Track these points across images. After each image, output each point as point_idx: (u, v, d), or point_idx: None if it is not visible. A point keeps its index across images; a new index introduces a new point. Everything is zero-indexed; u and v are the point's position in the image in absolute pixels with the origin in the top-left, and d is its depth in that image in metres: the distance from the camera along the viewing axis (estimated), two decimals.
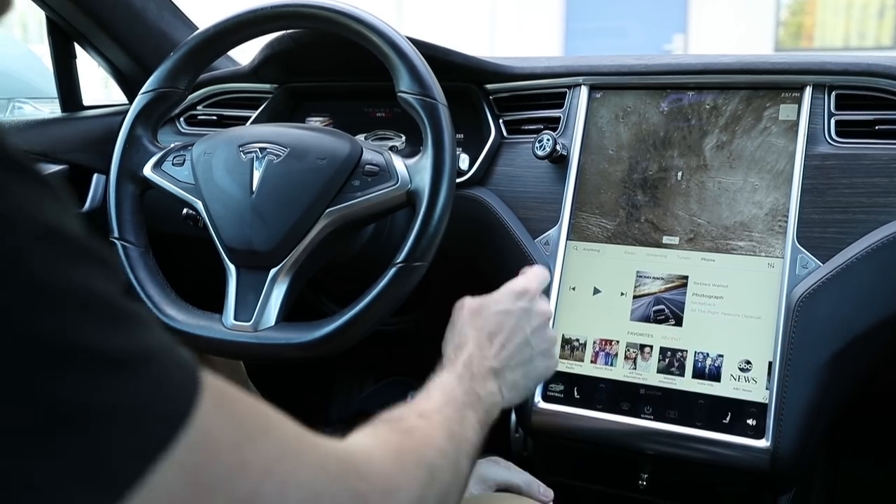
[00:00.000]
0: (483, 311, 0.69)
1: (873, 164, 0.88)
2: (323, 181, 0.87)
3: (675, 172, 0.94)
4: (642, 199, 0.95)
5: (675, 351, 0.89)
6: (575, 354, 0.93)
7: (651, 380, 0.89)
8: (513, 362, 0.67)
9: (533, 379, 0.69)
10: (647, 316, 0.91)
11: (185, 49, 0.97)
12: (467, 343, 0.66)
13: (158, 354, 0.31)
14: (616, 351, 0.91)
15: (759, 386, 0.85)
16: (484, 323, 0.68)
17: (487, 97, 1.09)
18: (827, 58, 0.93)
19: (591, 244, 0.96)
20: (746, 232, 0.89)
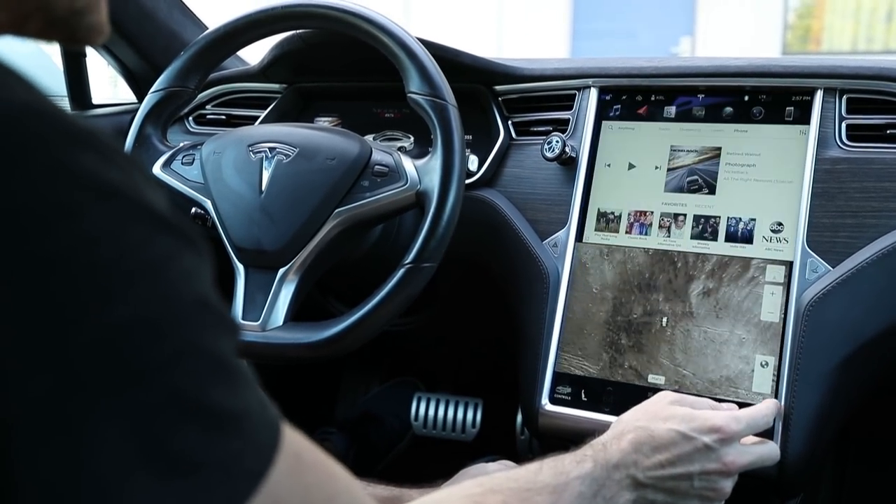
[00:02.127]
0: (667, 420, 0.64)
1: (884, 169, 0.87)
2: (332, 181, 0.87)
3: (661, 318, 0.91)
4: (626, 344, 0.92)
5: (708, 217, 0.91)
6: (610, 226, 0.95)
7: (684, 246, 0.91)
8: (663, 486, 0.61)
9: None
10: (680, 186, 0.93)
11: (194, 48, 0.98)
12: (627, 436, 0.62)
13: (254, 414, 0.33)
14: (650, 221, 0.93)
15: (790, 246, 0.87)
16: (657, 432, 0.63)
17: (497, 98, 1.08)
18: (838, 61, 0.93)
19: (601, 242, 0.96)
20: (733, 388, 0.86)
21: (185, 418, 0.30)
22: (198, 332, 0.31)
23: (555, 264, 0.96)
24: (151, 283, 0.29)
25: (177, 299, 0.30)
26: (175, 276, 0.30)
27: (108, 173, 0.29)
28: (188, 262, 0.31)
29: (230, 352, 0.33)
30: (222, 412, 0.31)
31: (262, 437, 0.33)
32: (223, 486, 0.31)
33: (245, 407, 0.32)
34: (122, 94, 1.37)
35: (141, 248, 0.29)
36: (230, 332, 0.33)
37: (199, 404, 0.30)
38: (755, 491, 0.88)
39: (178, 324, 0.30)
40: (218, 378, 0.31)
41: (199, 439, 0.30)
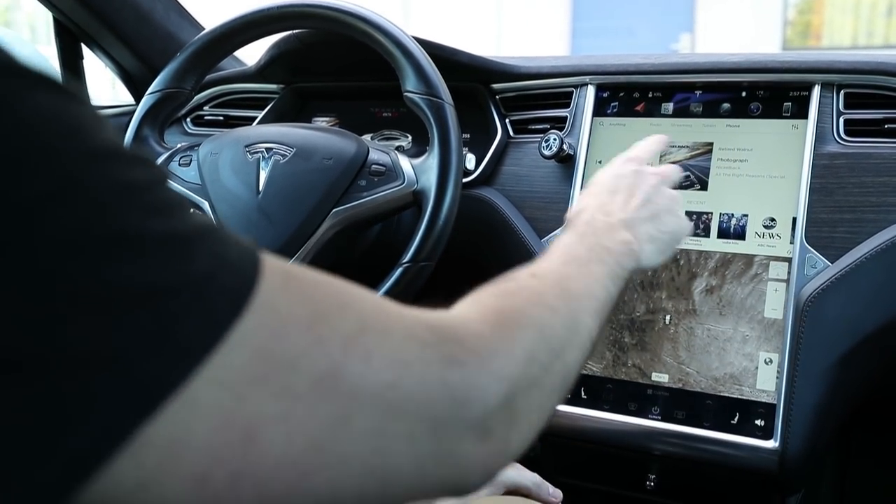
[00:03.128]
0: (597, 179, 0.67)
1: (883, 163, 0.87)
2: (329, 181, 0.87)
3: (664, 316, 0.91)
4: (629, 342, 0.92)
5: (700, 214, 0.91)
6: None
7: None
8: (641, 215, 0.63)
9: (668, 234, 0.65)
10: None
11: (191, 49, 0.98)
12: (587, 207, 0.62)
13: (212, 233, 0.30)
14: None
15: (784, 241, 0.87)
16: (600, 188, 0.65)
17: (494, 97, 1.08)
18: (836, 56, 0.93)
19: None
20: (737, 386, 0.86)
21: (106, 248, 0.27)
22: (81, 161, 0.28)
23: None
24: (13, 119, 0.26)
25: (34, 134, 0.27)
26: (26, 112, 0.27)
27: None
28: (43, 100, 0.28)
29: (151, 180, 0.30)
30: (156, 236, 0.28)
31: (232, 256, 0.31)
32: (197, 310, 0.28)
33: (192, 229, 0.30)
34: (120, 96, 1.37)
35: None
36: (141, 162, 0.30)
37: (117, 232, 0.27)
38: (756, 487, 0.88)
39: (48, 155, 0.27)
40: (134, 203, 0.28)
41: (136, 268, 0.27)
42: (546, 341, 0.44)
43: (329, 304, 0.34)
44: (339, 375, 0.32)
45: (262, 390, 0.30)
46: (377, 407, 0.33)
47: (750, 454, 0.83)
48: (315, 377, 0.31)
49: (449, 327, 0.38)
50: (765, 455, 0.83)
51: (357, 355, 0.33)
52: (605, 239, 0.58)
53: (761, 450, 0.83)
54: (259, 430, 0.30)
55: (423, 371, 0.35)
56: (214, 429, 0.29)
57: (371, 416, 0.33)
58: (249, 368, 0.30)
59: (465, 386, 0.36)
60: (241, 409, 0.29)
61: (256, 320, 0.30)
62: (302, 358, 0.31)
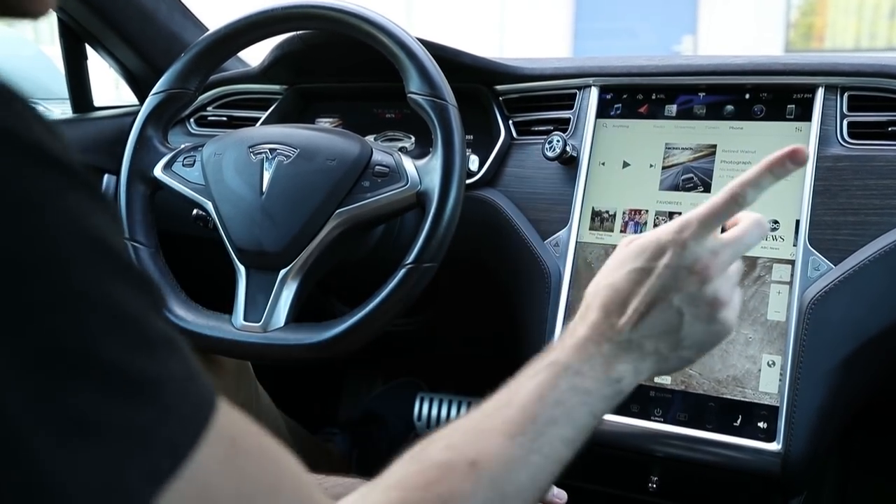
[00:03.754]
0: (623, 265, 0.55)
1: (886, 166, 0.87)
2: (333, 182, 0.87)
3: None
4: None
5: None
6: (605, 226, 0.95)
7: None
8: (654, 332, 0.53)
9: (691, 348, 0.55)
10: (675, 185, 0.93)
11: (195, 50, 0.98)
12: (593, 308, 0.54)
13: (174, 383, 0.30)
14: (645, 219, 0.93)
15: (787, 244, 0.87)
16: (618, 281, 0.54)
17: (497, 98, 1.08)
18: (839, 59, 0.93)
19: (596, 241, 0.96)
20: (740, 388, 0.85)
21: (78, 372, 0.27)
22: (92, 278, 0.28)
23: (556, 264, 0.96)
24: (29, 218, 0.26)
25: (62, 238, 0.27)
26: (61, 213, 0.27)
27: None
28: (79, 201, 0.28)
29: (142, 310, 0.30)
30: (128, 373, 0.28)
31: (185, 411, 0.30)
32: (139, 457, 0.28)
33: (162, 373, 0.30)
34: (124, 97, 1.37)
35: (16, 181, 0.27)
36: (144, 289, 0.30)
37: (93, 358, 0.27)
38: (759, 490, 0.88)
39: (63, 265, 0.27)
40: (121, 334, 0.29)
41: (96, 398, 0.27)
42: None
43: (259, 487, 0.33)
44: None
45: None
46: None
47: (752, 456, 0.83)
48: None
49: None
50: (767, 457, 0.83)
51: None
52: (590, 378, 0.51)
53: (764, 452, 0.83)
54: None
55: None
56: None
57: None
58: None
59: None
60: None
61: (185, 488, 0.30)
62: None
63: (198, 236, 1.03)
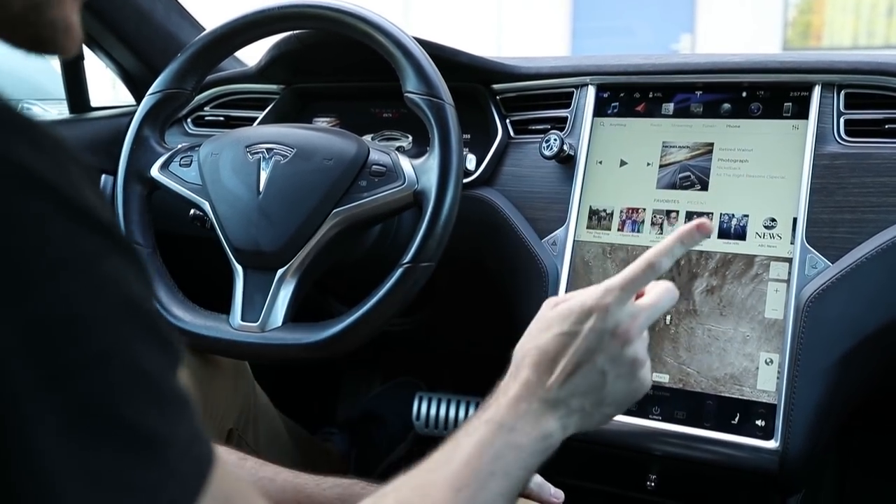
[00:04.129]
0: (550, 328, 0.58)
1: (883, 164, 0.87)
2: (330, 181, 0.87)
3: (664, 316, 0.90)
4: None
5: (700, 214, 0.91)
6: (602, 224, 0.95)
7: None
8: (579, 390, 0.57)
9: (612, 404, 0.59)
10: (672, 183, 0.93)
11: (192, 50, 0.98)
12: (524, 367, 0.57)
13: (180, 444, 0.32)
14: (643, 218, 0.93)
15: (784, 242, 0.87)
16: (546, 344, 0.58)
17: (494, 97, 1.08)
18: (836, 56, 0.93)
19: (593, 240, 0.96)
20: (737, 386, 0.86)
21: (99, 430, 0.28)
22: (123, 339, 0.29)
23: (554, 262, 0.96)
24: (74, 279, 0.28)
25: (102, 299, 0.29)
26: (102, 275, 0.29)
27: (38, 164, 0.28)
28: (118, 265, 0.30)
29: (163, 371, 0.31)
30: (142, 432, 0.30)
31: (187, 471, 0.32)
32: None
33: (171, 433, 0.31)
34: (121, 97, 1.37)
35: (65, 242, 0.28)
36: (167, 350, 0.32)
37: (116, 417, 0.29)
38: (757, 488, 0.88)
39: (101, 325, 0.29)
40: (142, 394, 0.30)
41: (113, 456, 0.29)
42: None
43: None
44: None
45: None
46: None
47: (750, 454, 0.83)
48: None
49: None
50: (765, 455, 0.83)
51: None
52: (522, 434, 0.54)
53: (762, 450, 0.83)
54: None
55: None
56: None
57: None
58: None
59: None
60: None
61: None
62: None
63: (195, 236, 1.03)
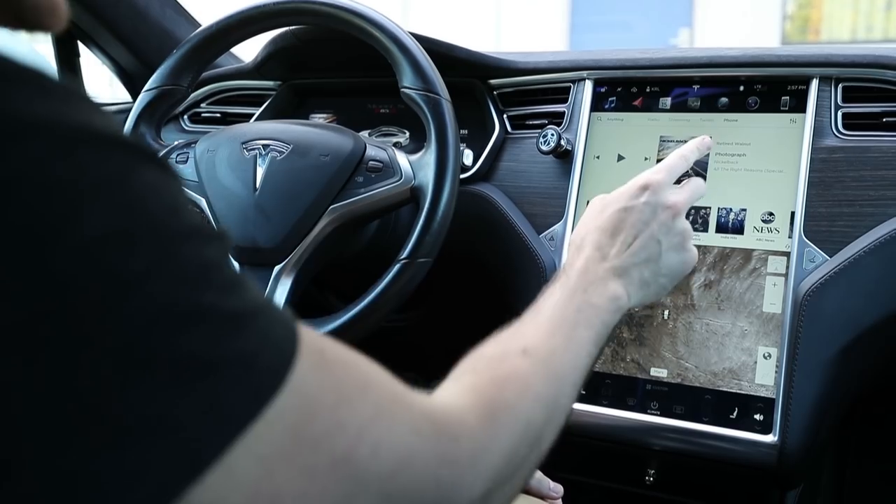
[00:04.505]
0: (605, 210, 0.66)
1: (881, 157, 0.87)
2: (326, 178, 0.87)
3: (662, 311, 0.91)
4: (627, 337, 0.92)
5: (698, 208, 0.91)
6: None
7: None
8: (639, 259, 0.63)
9: (666, 276, 0.66)
10: None
11: (187, 46, 0.97)
12: (586, 246, 0.64)
13: (263, 311, 0.34)
14: None
15: (782, 236, 0.87)
16: (606, 222, 0.65)
17: (491, 92, 1.08)
18: (833, 50, 0.93)
19: None
20: (736, 380, 0.86)
21: (185, 322, 0.30)
22: (177, 240, 0.31)
23: (552, 258, 0.96)
24: (114, 196, 0.29)
25: (145, 210, 0.30)
26: (138, 188, 0.30)
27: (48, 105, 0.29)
28: (150, 176, 0.31)
29: (221, 258, 0.33)
30: (224, 313, 0.31)
31: (277, 334, 0.34)
32: (245, 384, 0.31)
33: (249, 307, 0.33)
34: (118, 94, 1.37)
35: (95, 165, 0.29)
36: (216, 239, 0.34)
37: (195, 307, 0.30)
38: (756, 482, 0.88)
39: (153, 232, 0.30)
40: (211, 282, 0.31)
41: (205, 341, 0.30)
42: (529, 435, 0.48)
43: (351, 387, 0.37)
44: (352, 460, 0.35)
45: (289, 467, 0.33)
46: (377, 493, 0.36)
47: (749, 449, 0.83)
48: (332, 460, 0.34)
49: (448, 423, 0.42)
50: (764, 449, 0.83)
51: (368, 444, 0.36)
52: (595, 295, 0.60)
53: (760, 444, 0.83)
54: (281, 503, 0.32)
55: (421, 467, 0.38)
56: (245, 498, 0.31)
57: (369, 501, 0.36)
58: (281, 445, 0.32)
59: (453, 484, 0.40)
60: (269, 482, 0.32)
61: (290, 399, 0.33)
62: (324, 440, 0.34)
63: None
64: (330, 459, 0.34)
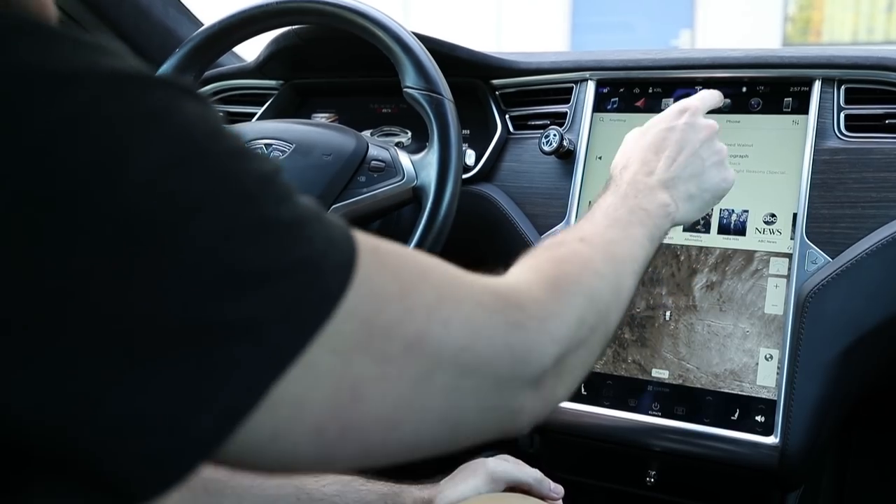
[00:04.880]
0: (648, 131, 0.69)
1: (883, 159, 0.87)
2: (328, 177, 0.87)
3: (664, 312, 0.91)
4: (629, 338, 0.92)
5: None
6: None
7: (677, 239, 0.91)
8: (684, 174, 0.66)
9: (709, 191, 0.68)
10: None
11: (189, 45, 0.97)
12: (632, 163, 0.66)
13: (320, 216, 0.35)
14: None
15: (784, 237, 0.87)
16: (649, 141, 0.68)
17: (494, 92, 1.08)
18: (836, 51, 0.93)
19: None
20: (737, 382, 0.86)
21: (252, 234, 0.31)
22: (229, 161, 0.32)
23: None
24: (165, 127, 0.31)
25: (194, 136, 0.32)
26: (184, 117, 0.32)
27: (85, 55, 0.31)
28: (192, 107, 0.32)
29: (271, 171, 0.34)
30: (286, 221, 0.33)
31: (336, 236, 0.35)
32: (316, 285, 0.33)
33: (307, 214, 0.34)
34: None
35: (143, 101, 0.31)
36: (261, 156, 0.35)
37: (258, 219, 0.32)
38: (757, 483, 0.88)
39: (205, 156, 0.32)
40: (268, 194, 0.33)
41: (273, 249, 0.32)
42: (594, 306, 0.49)
43: (412, 276, 0.38)
44: (425, 340, 0.37)
45: (365, 355, 0.35)
46: (453, 367, 0.38)
47: (750, 450, 0.83)
48: (406, 343, 0.36)
49: (512, 294, 0.43)
50: (765, 451, 0.83)
51: (438, 322, 0.37)
52: (645, 201, 0.62)
53: (761, 446, 0.83)
54: (362, 390, 0.35)
55: (491, 335, 0.40)
56: (329, 388, 0.34)
57: (448, 375, 0.38)
58: (355, 336, 0.34)
59: (525, 348, 0.41)
60: (349, 372, 0.34)
61: (359, 294, 0.34)
62: (395, 326, 0.36)
63: None
64: (403, 343, 0.36)
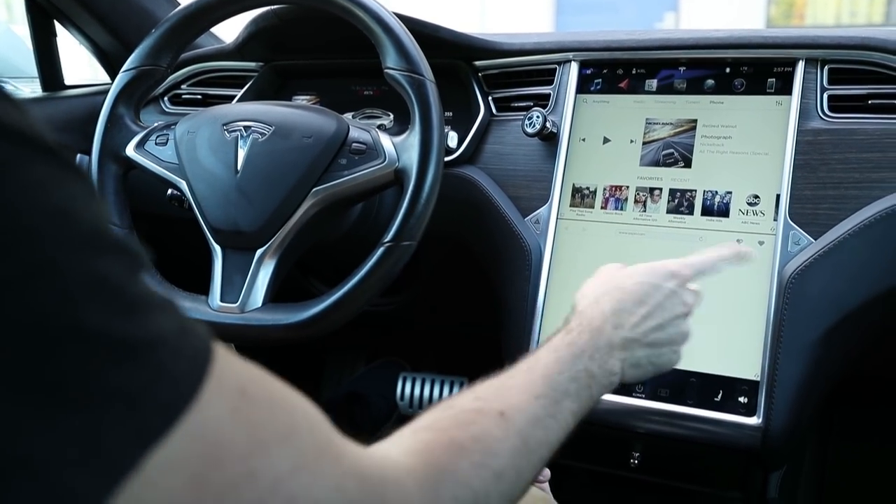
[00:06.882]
0: (632, 276, 0.64)
1: (866, 140, 0.87)
2: (309, 160, 0.86)
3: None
4: None
5: (684, 191, 0.91)
6: (585, 202, 0.94)
7: (661, 221, 0.91)
8: (646, 340, 0.62)
9: (656, 365, 0.63)
10: (655, 160, 0.93)
11: (166, 25, 0.95)
12: (605, 302, 0.61)
13: (166, 343, 0.30)
14: (626, 195, 0.93)
15: (767, 218, 0.87)
16: (632, 288, 0.63)
17: (476, 74, 1.07)
18: (819, 32, 0.92)
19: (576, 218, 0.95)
20: (720, 363, 0.85)
21: (58, 342, 0.26)
22: (62, 247, 0.27)
23: (537, 241, 0.95)
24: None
25: (26, 209, 0.27)
26: (22, 184, 0.27)
27: None
28: (41, 172, 0.27)
29: (124, 275, 0.30)
30: (113, 338, 0.28)
31: (178, 369, 0.30)
32: (127, 423, 0.28)
33: (151, 334, 0.29)
34: (99, 76, 1.34)
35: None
36: (123, 253, 0.30)
37: (74, 326, 0.27)
38: (740, 463, 0.89)
39: (32, 235, 0.26)
40: (101, 300, 0.28)
41: (81, 367, 0.27)
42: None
43: (272, 433, 0.33)
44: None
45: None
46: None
47: (733, 431, 0.83)
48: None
49: (380, 484, 0.37)
50: (748, 432, 0.83)
51: (282, 498, 0.32)
52: (595, 365, 0.57)
53: (745, 427, 0.83)
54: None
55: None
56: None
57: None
58: (179, 493, 0.29)
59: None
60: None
61: (190, 443, 0.29)
62: (230, 491, 0.31)
63: (172, 216, 1.01)
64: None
